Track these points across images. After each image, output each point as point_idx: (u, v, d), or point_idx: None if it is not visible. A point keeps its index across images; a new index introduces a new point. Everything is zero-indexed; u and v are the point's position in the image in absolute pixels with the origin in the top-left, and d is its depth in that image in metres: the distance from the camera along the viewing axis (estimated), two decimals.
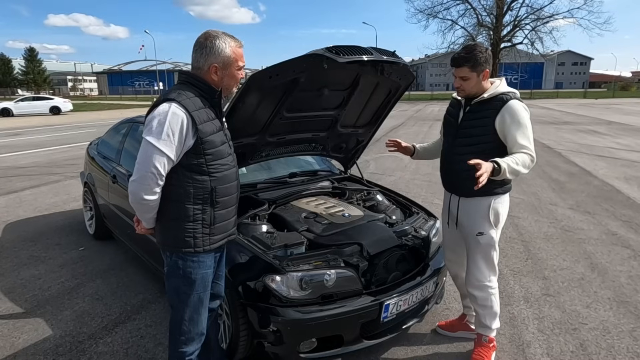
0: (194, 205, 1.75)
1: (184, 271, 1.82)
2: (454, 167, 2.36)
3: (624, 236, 4.45)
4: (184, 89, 1.73)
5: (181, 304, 1.86)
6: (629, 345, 2.59)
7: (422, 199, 5.76)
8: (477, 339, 2.49)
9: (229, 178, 1.83)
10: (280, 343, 2.12)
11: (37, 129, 17.42)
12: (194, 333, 1.91)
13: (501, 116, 2.17)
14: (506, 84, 2.29)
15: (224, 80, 1.79)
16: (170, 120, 1.63)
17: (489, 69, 2.21)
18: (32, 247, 4.21)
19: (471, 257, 2.41)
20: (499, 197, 2.31)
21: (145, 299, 3.17)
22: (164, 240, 1.83)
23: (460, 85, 2.25)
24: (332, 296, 2.16)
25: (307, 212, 2.69)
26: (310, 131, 2.99)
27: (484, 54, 2.18)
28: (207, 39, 1.74)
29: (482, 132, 2.23)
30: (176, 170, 1.71)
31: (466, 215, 2.37)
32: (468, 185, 2.29)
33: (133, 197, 1.71)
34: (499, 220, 2.34)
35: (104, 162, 4.06)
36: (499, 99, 2.20)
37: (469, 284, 2.44)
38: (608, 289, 3.31)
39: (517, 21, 41.39)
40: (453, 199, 2.44)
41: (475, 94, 2.27)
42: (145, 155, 1.65)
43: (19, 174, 7.89)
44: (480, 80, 2.22)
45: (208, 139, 1.72)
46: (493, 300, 2.40)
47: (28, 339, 2.69)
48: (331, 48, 2.23)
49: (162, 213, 1.77)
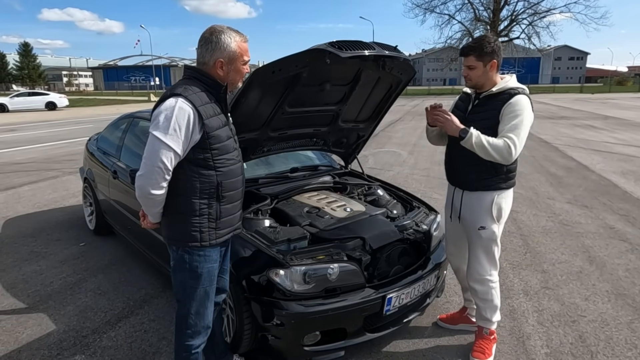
0: (200, 200, 1.76)
1: (190, 265, 1.83)
2: (459, 160, 2.37)
3: (622, 230, 4.49)
4: (190, 84, 1.74)
5: (188, 298, 1.88)
6: (627, 337, 2.63)
7: (421, 193, 5.78)
8: (477, 331, 2.52)
9: (234, 173, 1.84)
10: (284, 336, 2.15)
11: (34, 124, 17.32)
12: (200, 326, 1.93)
13: (505, 108, 2.19)
14: (516, 80, 2.29)
15: (230, 75, 1.79)
16: (177, 115, 1.64)
17: (497, 60, 2.22)
18: (33, 243, 4.21)
19: (472, 251, 2.43)
20: (502, 192, 2.32)
21: (148, 294, 3.18)
22: (171, 234, 1.83)
23: (467, 75, 2.28)
24: (335, 290, 2.18)
25: (309, 206, 2.71)
26: (312, 126, 3.00)
27: (492, 45, 2.20)
28: (212, 34, 1.74)
29: (488, 125, 2.23)
30: (183, 165, 1.72)
31: (469, 209, 2.38)
32: (472, 179, 2.33)
33: (140, 192, 1.72)
34: (502, 216, 2.35)
35: (104, 158, 4.05)
36: (507, 93, 2.22)
37: (470, 277, 2.47)
38: (606, 282, 3.34)
39: (514, 16, 41.37)
40: (457, 193, 2.45)
41: (482, 86, 2.29)
42: (152, 149, 1.66)
43: (17, 169, 7.85)
44: (488, 70, 2.23)
45: (214, 134, 1.73)
46: (494, 293, 2.43)
47: (32, 333, 2.70)
48: (334, 43, 2.23)
49: (169, 207, 1.78)
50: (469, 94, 2.41)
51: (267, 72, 2.26)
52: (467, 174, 2.34)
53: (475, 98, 2.35)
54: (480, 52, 2.19)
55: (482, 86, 2.29)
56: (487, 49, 2.19)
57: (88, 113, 23.83)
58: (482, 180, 2.31)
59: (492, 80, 2.27)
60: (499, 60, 2.23)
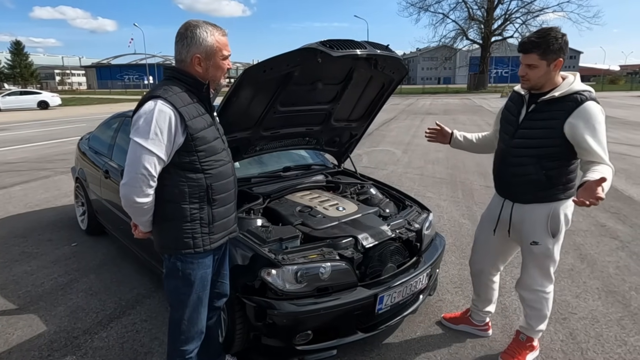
0: (191, 205, 1.70)
1: (183, 272, 1.77)
2: (510, 169, 2.15)
3: (612, 227, 4.53)
4: (170, 85, 1.67)
5: (181, 304, 1.83)
6: (616, 334, 2.66)
7: (415, 192, 5.80)
8: (515, 335, 2.45)
9: (224, 174, 1.79)
10: (276, 335, 2.15)
11: (25, 123, 17.16)
12: (194, 332, 1.89)
13: (574, 119, 1.91)
14: (580, 81, 1.99)
15: (209, 72, 1.71)
16: (157, 118, 1.57)
17: (562, 59, 1.92)
18: (24, 243, 4.18)
19: (525, 263, 2.28)
20: (561, 203, 2.08)
21: (140, 294, 3.17)
22: (162, 242, 1.78)
23: (526, 74, 1.98)
24: (327, 289, 2.18)
25: (301, 205, 2.70)
26: (304, 125, 2.99)
27: (560, 40, 1.88)
28: (187, 29, 1.66)
29: (546, 135, 1.98)
30: (169, 169, 1.66)
31: (520, 222, 2.18)
32: (525, 191, 2.12)
33: (125, 201, 1.65)
34: (560, 229, 2.11)
35: (96, 157, 4.03)
36: (572, 99, 1.92)
37: (518, 285, 2.35)
38: (597, 279, 3.37)
39: (508, 15, 41.66)
40: (506, 205, 2.24)
41: (540, 87, 2.01)
42: (134, 156, 1.59)
43: (8, 169, 7.78)
44: (551, 70, 1.94)
45: (199, 135, 1.66)
46: (543, 303, 2.27)
47: (22, 335, 2.68)
48: (325, 42, 2.23)
49: (158, 215, 1.72)
50: (522, 95, 2.13)
51: (259, 71, 2.26)
52: (518, 185, 2.12)
53: (531, 101, 2.06)
54: (546, 49, 1.88)
55: (541, 87, 2.01)
56: (554, 46, 1.87)
57: (81, 112, 23.67)
58: (537, 192, 2.09)
59: (553, 80, 1.99)
60: (565, 58, 1.93)
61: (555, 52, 1.89)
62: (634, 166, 7.56)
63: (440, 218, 4.82)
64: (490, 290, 2.60)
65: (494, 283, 2.59)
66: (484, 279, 2.55)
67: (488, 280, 2.56)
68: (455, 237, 4.27)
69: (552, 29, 1.93)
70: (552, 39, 1.88)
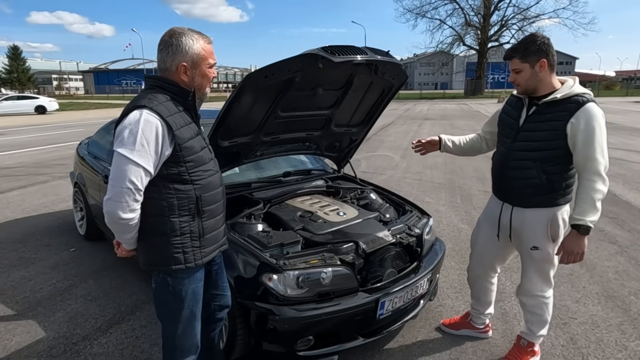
0: (180, 218, 1.63)
1: (174, 288, 1.69)
2: (511, 173, 2.16)
3: (611, 232, 4.55)
4: (154, 94, 1.59)
5: (173, 320, 1.76)
6: (617, 339, 2.66)
7: (414, 197, 5.80)
8: (516, 340, 2.46)
9: (213, 184, 1.73)
10: (277, 341, 2.14)
11: (23, 128, 17.12)
12: (189, 346, 1.82)
13: (575, 120, 1.94)
14: (579, 84, 2.03)
15: (195, 80, 1.66)
16: (143, 128, 1.49)
17: (547, 59, 1.96)
18: (22, 249, 4.16)
19: (524, 269, 2.30)
20: (560, 208, 2.11)
21: (139, 299, 3.15)
22: (150, 260, 1.69)
23: (515, 79, 2.06)
24: (328, 294, 2.18)
25: (302, 210, 2.70)
26: (305, 130, 3.00)
27: (537, 42, 1.96)
28: (172, 36, 1.60)
29: (549, 137, 2.00)
30: (155, 182, 1.58)
31: (520, 227, 2.19)
32: (525, 194, 2.13)
33: (109, 218, 1.54)
34: (559, 234, 2.13)
35: (95, 162, 4.02)
36: (574, 101, 1.96)
37: (519, 291, 2.37)
38: (596, 284, 3.38)
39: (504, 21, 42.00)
40: (505, 209, 2.25)
41: (535, 90, 2.05)
42: (119, 169, 1.49)
43: (5, 174, 7.75)
44: (538, 72, 1.98)
45: (187, 145, 1.60)
46: (544, 308, 2.30)
47: (21, 341, 2.66)
48: (326, 48, 2.24)
49: (145, 230, 1.62)
50: (521, 98, 2.15)
51: (260, 77, 2.26)
52: (519, 188, 2.13)
53: (531, 104, 2.09)
54: (524, 51, 1.97)
55: (534, 90, 2.05)
56: (532, 48, 1.95)
57: (78, 117, 23.63)
58: (538, 197, 2.10)
59: (548, 83, 2.02)
60: (551, 59, 1.97)
61: (534, 53, 1.97)
62: (631, 171, 7.59)
63: (439, 223, 4.83)
64: (490, 292, 2.61)
65: (493, 285, 2.61)
66: (483, 282, 2.57)
67: (487, 282, 2.58)
68: (454, 242, 4.28)
69: (532, 34, 2.05)
70: (530, 42, 1.98)
